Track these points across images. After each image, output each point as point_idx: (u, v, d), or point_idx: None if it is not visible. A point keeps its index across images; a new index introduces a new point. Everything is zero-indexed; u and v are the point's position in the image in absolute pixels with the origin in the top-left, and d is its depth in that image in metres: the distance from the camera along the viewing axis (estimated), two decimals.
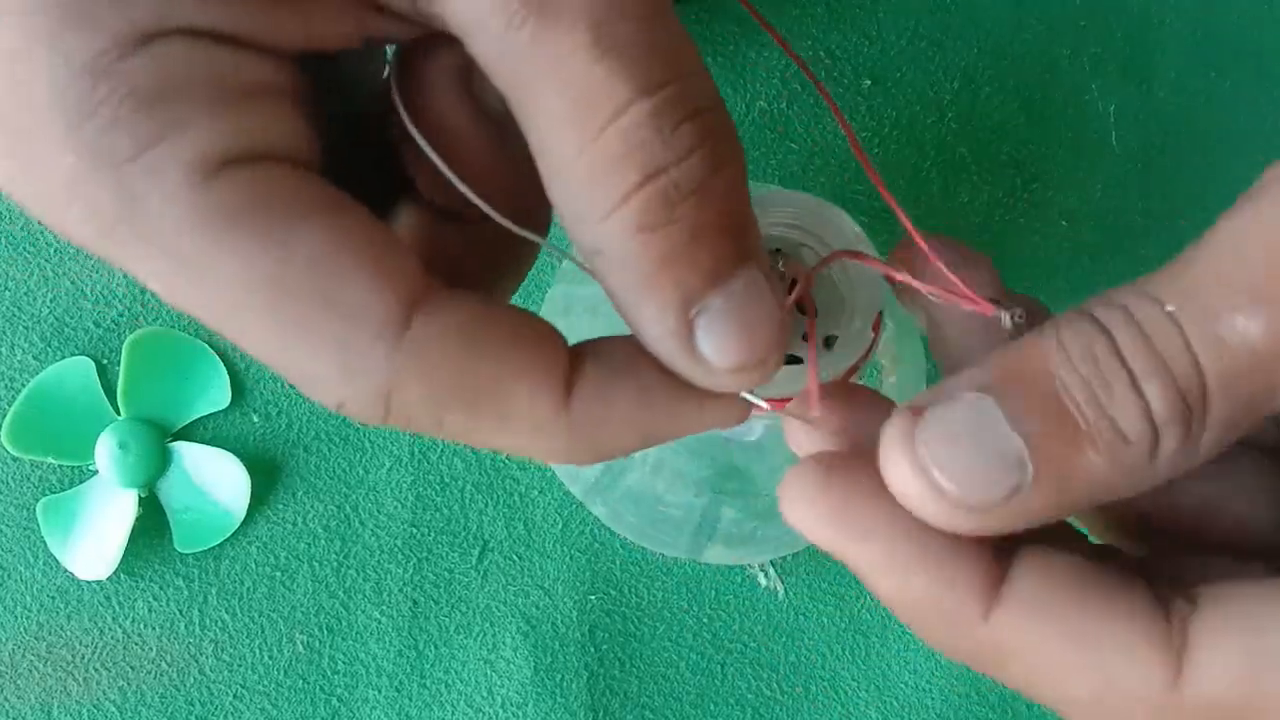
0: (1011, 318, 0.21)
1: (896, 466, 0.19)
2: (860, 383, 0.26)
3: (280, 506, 0.39)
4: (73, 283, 0.40)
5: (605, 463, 0.35)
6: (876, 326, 0.26)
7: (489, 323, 0.20)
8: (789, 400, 0.24)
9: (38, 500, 0.39)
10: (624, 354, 0.21)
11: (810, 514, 0.20)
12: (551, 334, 0.20)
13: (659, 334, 0.20)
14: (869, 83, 0.40)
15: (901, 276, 0.23)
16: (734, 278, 0.20)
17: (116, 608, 0.39)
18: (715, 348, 0.20)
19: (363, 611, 0.39)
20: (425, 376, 0.19)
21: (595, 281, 0.21)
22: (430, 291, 0.19)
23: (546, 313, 0.38)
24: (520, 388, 0.20)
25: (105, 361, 0.39)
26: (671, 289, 0.20)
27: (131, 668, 0.39)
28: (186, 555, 0.39)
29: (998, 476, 0.19)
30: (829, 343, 0.28)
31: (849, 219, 0.26)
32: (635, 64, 0.19)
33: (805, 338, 0.27)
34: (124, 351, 0.39)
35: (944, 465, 0.19)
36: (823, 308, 0.28)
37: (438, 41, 0.21)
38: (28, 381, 0.39)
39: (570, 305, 0.36)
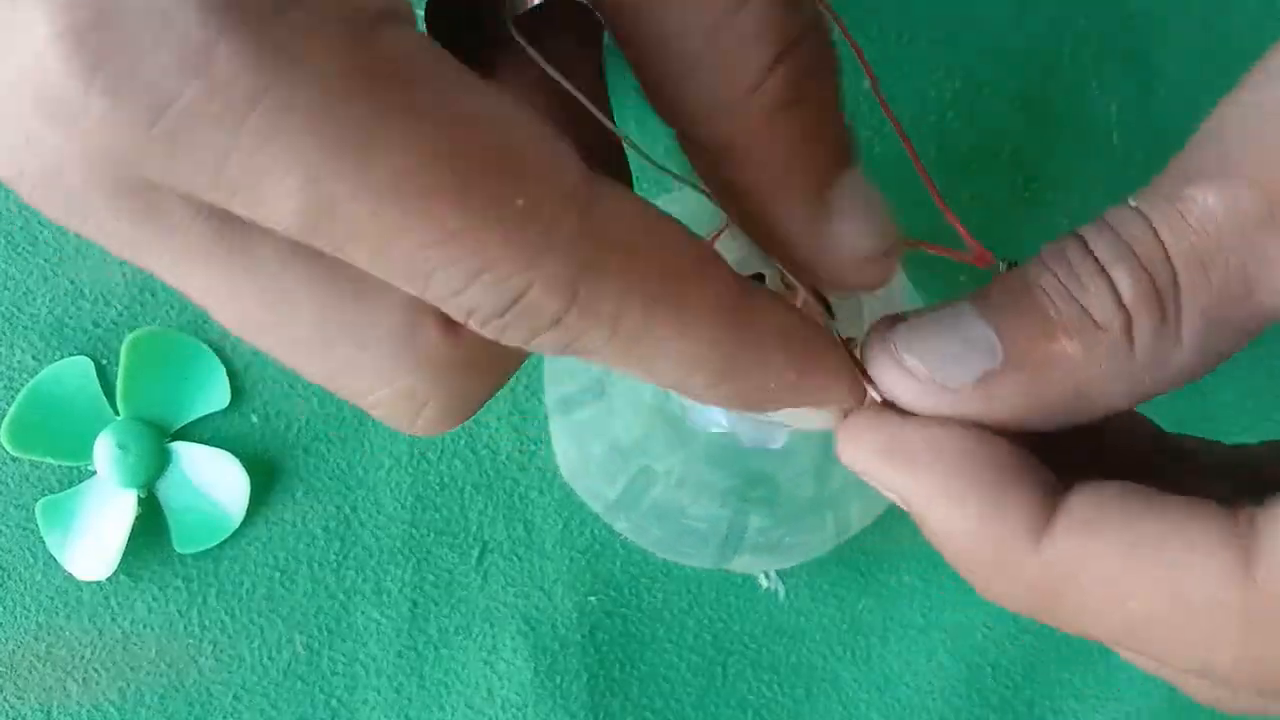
0: (1008, 264, 0.22)
1: (875, 358, 0.21)
2: None
3: (280, 507, 0.39)
4: (72, 282, 0.40)
5: (628, 480, 0.34)
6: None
7: (657, 210, 0.18)
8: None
9: (37, 500, 0.39)
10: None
11: (863, 449, 0.21)
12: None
13: (800, 218, 0.20)
14: (870, 81, 0.40)
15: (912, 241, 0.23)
16: (855, 165, 0.20)
17: (116, 608, 0.39)
18: (852, 232, 0.20)
19: (362, 612, 0.39)
20: (620, 248, 0.17)
21: None
22: (594, 171, 0.17)
23: None
24: (710, 274, 0.18)
25: (104, 361, 0.39)
26: (812, 170, 0.19)
27: (131, 668, 0.39)
28: (186, 556, 0.39)
29: (967, 358, 0.20)
30: (846, 345, 0.28)
31: None
32: None
33: None
34: (123, 351, 0.39)
35: (915, 351, 0.20)
36: (839, 311, 0.28)
37: None
38: (26, 381, 0.39)
39: None
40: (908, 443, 0.20)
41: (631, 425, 0.33)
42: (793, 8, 0.19)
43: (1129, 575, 0.19)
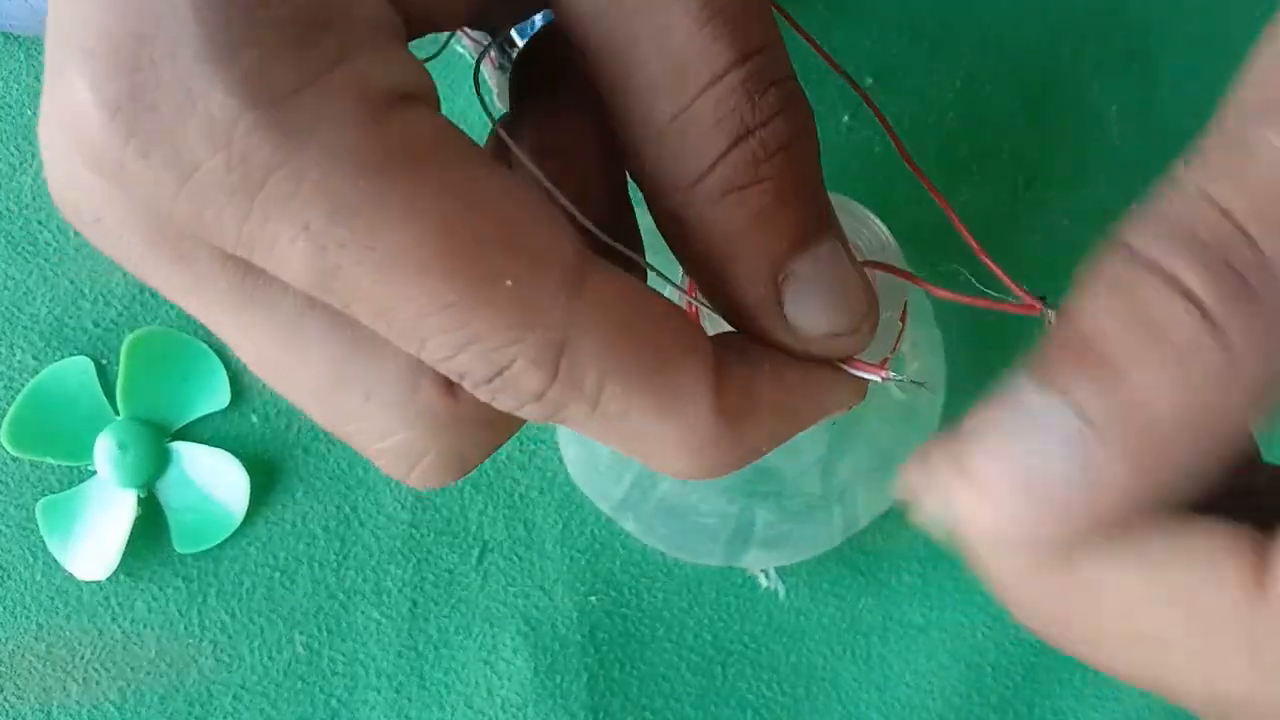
0: (1052, 312, 0.21)
1: (937, 492, 0.17)
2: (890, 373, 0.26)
3: (280, 507, 0.39)
4: (72, 282, 0.40)
5: (635, 477, 0.34)
6: (904, 316, 0.26)
7: (650, 294, 0.19)
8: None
9: (37, 500, 0.39)
10: (747, 344, 0.20)
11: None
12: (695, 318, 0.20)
13: (750, 301, 0.20)
14: (870, 81, 0.40)
15: (933, 290, 0.23)
16: (819, 244, 0.20)
17: (116, 608, 0.39)
18: (806, 315, 0.20)
19: (362, 612, 0.39)
20: (603, 331, 0.18)
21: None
22: (589, 252, 0.18)
23: None
24: (689, 363, 0.19)
25: (104, 361, 0.39)
26: (759, 253, 0.19)
27: (131, 668, 0.39)
28: (186, 556, 0.39)
29: (1062, 459, 0.16)
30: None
31: (878, 221, 0.26)
32: (736, 29, 0.18)
33: None
34: (123, 351, 0.39)
35: (1006, 485, 0.17)
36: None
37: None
38: (27, 381, 0.39)
39: None
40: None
41: None
42: (760, 89, 0.19)
43: None
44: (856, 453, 0.34)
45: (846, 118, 0.40)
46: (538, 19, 0.34)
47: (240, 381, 0.40)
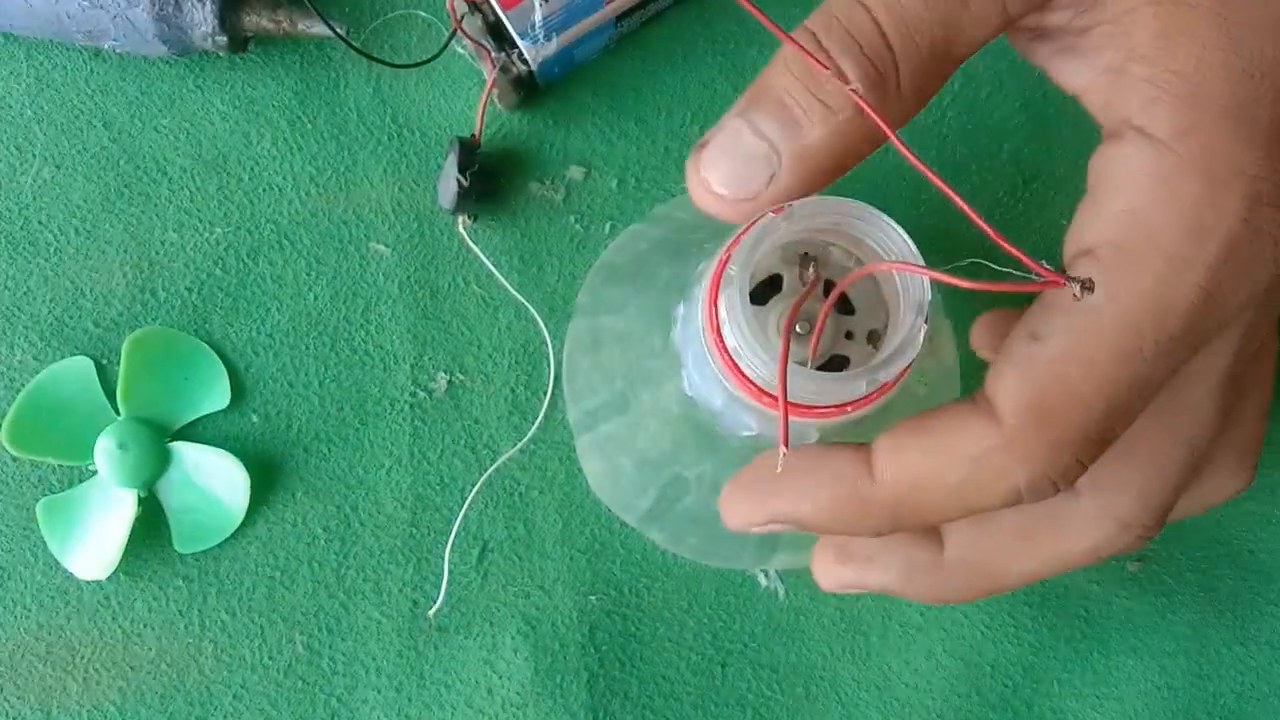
0: (1082, 286, 0.24)
1: (692, 187, 0.26)
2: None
3: (280, 507, 0.39)
4: (72, 282, 0.40)
5: (660, 490, 0.34)
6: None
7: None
8: (842, 406, 0.27)
9: (37, 500, 0.39)
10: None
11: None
12: None
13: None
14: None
15: (963, 283, 0.24)
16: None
17: (116, 608, 0.39)
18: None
19: (363, 612, 0.39)
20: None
21: (617, 310, 0.21)
22: None
23: (573, 349, 0.37)
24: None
25: (105, 361, 0.39)
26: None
27: (131, 668, 0.39)
28: (186, 556, 0.39)
29: (753, 173, 0.25)
30: (872, 338, 0.28)
31: (893, 223, 0.26)
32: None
33: (849, 335, 0.28)
34: (123, 351, 0.39)
35: (716, 177, 0.25)
36: (862, 305, 0.28)
37: None
38: (27, 381, 0.39)
39: (599, 338, 0.36)
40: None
41: (659, 436, 0.33)
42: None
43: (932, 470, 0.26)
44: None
45: None
46: (537, 18, 0.35)
47: (241, 381, 0.40)
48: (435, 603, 0.39)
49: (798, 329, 0.27)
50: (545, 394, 0.40)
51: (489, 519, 0.40)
